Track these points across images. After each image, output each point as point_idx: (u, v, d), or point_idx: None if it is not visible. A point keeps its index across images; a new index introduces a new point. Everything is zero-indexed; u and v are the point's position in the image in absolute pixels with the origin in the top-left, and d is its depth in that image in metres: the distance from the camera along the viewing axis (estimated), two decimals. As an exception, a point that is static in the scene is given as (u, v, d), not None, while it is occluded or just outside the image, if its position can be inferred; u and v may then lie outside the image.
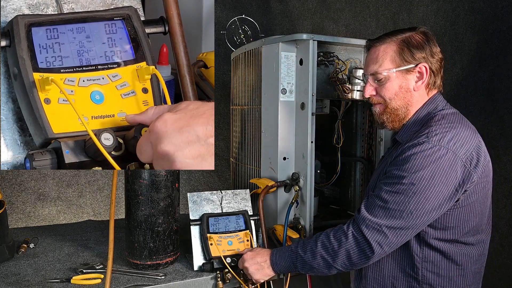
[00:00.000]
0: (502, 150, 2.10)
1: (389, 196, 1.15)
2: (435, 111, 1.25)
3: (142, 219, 1.40)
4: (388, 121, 1.29)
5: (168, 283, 1.34)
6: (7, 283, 1.32)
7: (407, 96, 1.26)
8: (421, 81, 1.24)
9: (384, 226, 1.14)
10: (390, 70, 1.24)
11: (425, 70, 1.23)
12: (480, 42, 2.27)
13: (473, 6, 2.31)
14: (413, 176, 1.13)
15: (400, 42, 1.24)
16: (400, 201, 1.14)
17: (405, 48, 1.23)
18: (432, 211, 1.14)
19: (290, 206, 1.55)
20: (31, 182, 2.52)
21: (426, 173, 1.12)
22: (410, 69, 1.23)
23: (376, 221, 1.15)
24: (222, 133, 2.78)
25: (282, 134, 1.59)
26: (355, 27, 2.94)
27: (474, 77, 2.30)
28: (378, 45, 1.27)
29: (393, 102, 1.27)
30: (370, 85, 1.29)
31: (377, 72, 1.26)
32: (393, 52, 1.24)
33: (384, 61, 1.25)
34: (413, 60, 1.23)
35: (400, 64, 1.23)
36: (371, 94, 1.30)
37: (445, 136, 1.14)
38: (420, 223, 1.14)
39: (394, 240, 1.15)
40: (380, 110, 1.30)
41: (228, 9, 2.77)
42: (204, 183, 2.89)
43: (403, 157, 1.16)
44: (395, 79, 1.25)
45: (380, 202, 1.16)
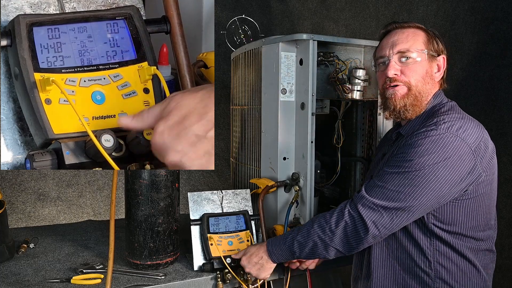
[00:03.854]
0: (502, 150, 2.10)
1: (390, 177, 1.15)
2: (440, 104, 1.26)
3: (142, 219, 1.40)
4: (410, 105, 1.24)
5: (168, 283, 1.34)
6: (7, 283, 1.32)
7: (430, 82, 1.25)
8: (439, 73, 1.27)
9: (380, 206, 1.14)
10: (422, 50, 1.23)
11: (443, 62, 1.26)
12: (480, 42, 2.27)
13: (473, 6, 2.31)
14: (418, 160, 1.11)
15: (428, 30, 1.27)
16: (399, 183, 1.13)
17: (433, 37, 1.26)
18: (433, 197, 1.12)
19: (290, 206, 1.55)
20: (31, 182, 2.52)
21: (431, 158, 1.10)
22: (434, 57, 1.26)
23: (372, 200, 1.14)
24: (222, 133, 2.78)
25: (282, 134, 1.59)
26: (355, 27, 2.94)
27: (474, 77, 2.30)
28: (406, 27, 1.28)
29: (419, 85, 1.23)
30: (395, 64, 1.24)
31: (408, 50, 1.23)
32: (424, 37, 1.26)
33: (416, 42, 1.24)
34: (438, 49, 1.26)
35: (430, 48, 1.24)
36: (395, 73, 1.24)
37: (455, 124, 1.14)
38: (417, 207, 1.12)
39: (389, 221, 1.14)
40: (402, 93, 1.24)
41: (228, 9, 2.77)
42: (204, 183, 2.89)
43: (409, 143, 1.15)
44: (423, 62, 1.24)
45: (380, 182, 1.16)
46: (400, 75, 1.24)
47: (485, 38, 2.26)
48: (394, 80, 1.25)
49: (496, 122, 2.19)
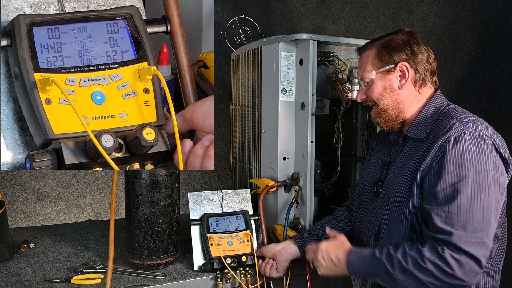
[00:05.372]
0: (502, 150, 2.09)
1: (466, 205, 1.10)
2: (442, 106, 1.28)
3: (142, 219, 1.40)
4: (382, 122, 1.33)
5: (168, 283, 1.34)
6: (7, 283, 1.32)
7: (393, 95, 1.30)
8: (404, 80, 1.28)
9: (483, 236, 1.09)
10: (371, 72, 1.30)
11: (405, 68, 1.27)
12: (480, 42, 2.27)
13: (473, 6, 2.31)
14: (472, 177, 1.11)
15: (379, 46, 1.31)
16: (479, 207, 1.09)
17: (383, 51, 1.30)
18: (502, 199, 1.15)
19: (290, 206, 1.55)
20: (31, 182, 2.52)
21: (480, 168, 1.11)
22: (390, 70, 1.28)
23: (472, 234, 1.08)
24: (222, 133, 2.78)
25: (282, 134, 1.59)
26: (355, 27, 2.94)
27: (474, 77, 2.30)
28: (362, 52, 1.36)
29: (381, 103, 1.31)
30: (361, 89, 1.37)
31: (362, 77, 1.34)
32: (373, 57, 1.31)
33: (366, 66, 1.32)
34: (392, 60, 1.28)
35: (380, 66, 1.29)
36: (362, 98, 1.37)
37: (476, 122, 1.17)
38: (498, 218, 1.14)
39: (491, 245, 1.11)
40: (375, 112, 1.35)
41: (228, 9, 2.77)
42: (204, 183, 2.89)
43: (451, 158, 1.13)
44: (378, 81, 1.30)
45: (457, 212, 1.10)
46: (367, 98, 1.36)
47: (485, 38, 2.26)
48: (365, 102, 1.38)
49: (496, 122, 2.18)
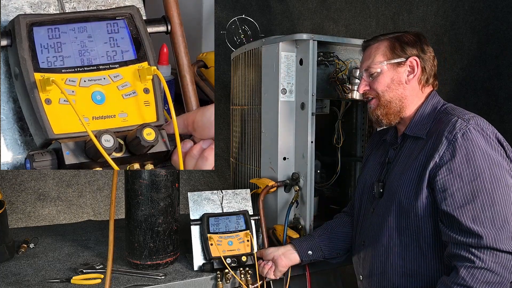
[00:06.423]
0: (502, 150, 2.09)
1: (488, 200, 1.08)
2: (439, 104, 1.29)
3: (142, 219, 1.40)
4: (382, 115, 1.31)
5: (168, 283, 1.34)
6: (7, 283, 1.32)
7: (399, 88, 1.29)
8: (412, 75, 1.28)
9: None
10: (381, 63, 1.29)
11: (416, 63, 1.28)
12: (480, 42, 2.27)
13: (473, 6, 2.31)
14: (488, 171, 1.10)
15: (392, 38, 1.31)
16: (502, 200, 1.08)
17: (397, 43, 1.29)
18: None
19: (290, 206, 1.55)
20: (31, 182, 2.52)
21: (493, 160, 1.11)
22: (401, 63, 1.28)
23: (502, 230, 1.07)
24: (222, 133, 2.78)
25: (282, 134, 1.59)
26: (355, 27, 2.94)
27: (474, 77, 2.30)
28: (372, 44, 1.34)
29: (386, 95, 1.30)
30: (364, 81, 1.34)
31: (370, 67, 1.31)
32: (385, 47, 1.30)
33: (376, 56, 1.30)
34: (404, 54, 1.28)
35: (391, 57, 1.29)
36: (364, 89, 1.34)
37: (477, 118, 1.18)
38: None
39: None
40: (374, 105, 1.33)
41: (228, 9, 2.77)
42: (204, 183, 2.89)
43: (462, 154, 1.12)
44: (386, 72, 1.29)
45: (482, 209, 1.08)
46: (369, 89, 1.33)
47: (485, 38, 2.25)
48: (366, 94, 1.35)
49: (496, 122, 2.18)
